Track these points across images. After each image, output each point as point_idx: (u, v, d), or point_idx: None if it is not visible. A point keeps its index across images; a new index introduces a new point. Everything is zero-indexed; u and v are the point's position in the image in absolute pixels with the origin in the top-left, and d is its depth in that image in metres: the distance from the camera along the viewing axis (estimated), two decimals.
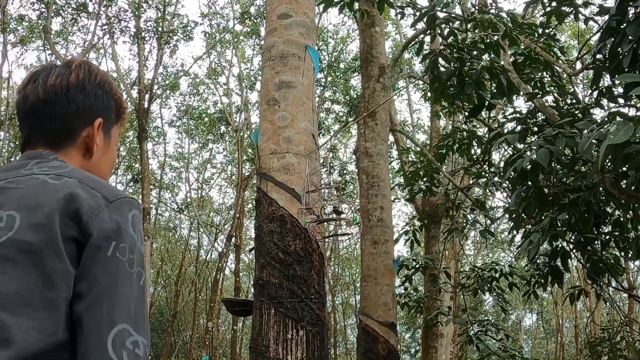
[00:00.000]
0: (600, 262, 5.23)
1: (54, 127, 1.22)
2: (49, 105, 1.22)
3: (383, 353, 6.72)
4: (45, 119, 1.22)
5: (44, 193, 1.08)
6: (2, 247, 1.04)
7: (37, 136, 1.23)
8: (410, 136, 13.97)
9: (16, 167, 1.17)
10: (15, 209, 1.07)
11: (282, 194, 4.37)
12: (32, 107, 1.23)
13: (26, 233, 1.04)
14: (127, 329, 1.04)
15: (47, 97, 1.22)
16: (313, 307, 4.18)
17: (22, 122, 1.25)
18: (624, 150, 3.23)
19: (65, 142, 1.23)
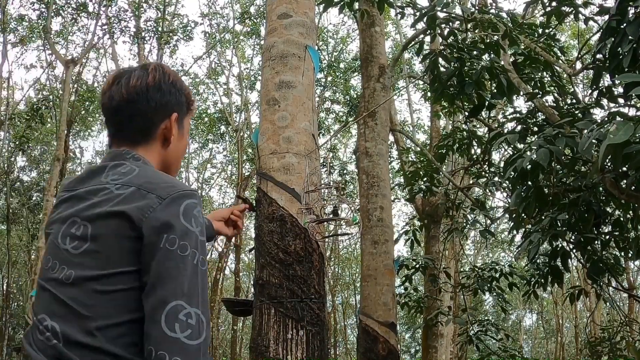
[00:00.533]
0: (600, 262, 5.23)
1: (137, 123, 1.42)
2: (131, 104, 1.41)
3: (383, 353, 6.72)
4: (129, 116, 1.41)
5: (113, 204, 1.27)
6: (83, 253, 1.25)
7: (122, 133, 1.43)
8: (410, 136, 13.97)
9: (98, 172, 1.36)
10: (89, 220, 1.28)
11: (282, 194, 4.37)
12: (117, 106, 1.41)
13: (98, 243, 1.26)
14: (180, 304, 1.19)
15: (130, 97, 1.41)
16: (313, 307, 4.18)
17: (109, 119, 1.44)
18: (624, 150, 3.22)
19: (147, 135, 1.43)
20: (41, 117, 20.39)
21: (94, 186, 1.32)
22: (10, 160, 23.24)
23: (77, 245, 1.27)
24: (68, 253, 1.27)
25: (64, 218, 1.31)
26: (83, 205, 1.29)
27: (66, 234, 1.29)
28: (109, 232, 1.24)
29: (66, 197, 1.35)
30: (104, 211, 1.25)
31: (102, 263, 1.24)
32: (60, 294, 1.25)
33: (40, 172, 25.65)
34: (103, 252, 1.24)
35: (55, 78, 22.36)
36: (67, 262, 1.27)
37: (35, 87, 23.56)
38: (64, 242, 1.28)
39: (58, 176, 17.56)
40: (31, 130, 22.37)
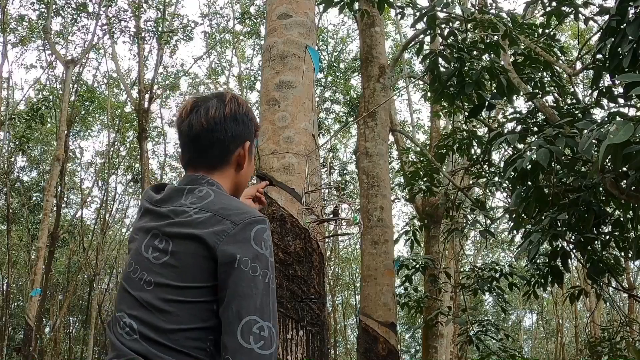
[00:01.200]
0: (600, 262, 5.23)
1: (215, 151, 1.55)
2: (210, 133, 1.54)
3: (383, 353, 6.72)
4: (208, 144, 1.55)
5: (192, 227, 1.43)
6: (163, 265, 1.42)
7: (200, 159, 1.56)
8: (410, 136, 13.98)
9: (178, 194, 1.51)
10: (171, 237, 1.44)
11: (282, 194, 4.37)
12: (197, 134, 1.54)
13: (177, 259, 1.42)
14: (254, 319, 1.35)
15: (209, 127, 1.54)
16: (313, 307, 4.18)
17: (187, 145, 1.57)
18: (624, 150, 3.23)
19: (222, 162, 1.57)
20: (41, 117, 20.38)
21: (175, 207, 1.48)
22: (10, 160, 23.24)
23: (158, 257, 1.44)
24: (149, 262, 1.45)
25: (147, 229, 1.49)
26: (165, 222, 1.47)
27: (149, 245, 1.47)
28: (187, 252, 1.41)
29: (150, 210, 1.53)
30: (183, 232, 1.43)
31: (180, 276, 1.41)
32: (139, 297, 1.43)
33: (40, 172, 25.65)
34: (181, 267, 1.41)
35: (55, 78, 22.36)
36: (147, 270, 1.44)
37: (35, 87, 23.57)
38: (146, 252, 1.46)
39: (58, 176, 17.56)
40: (31, 130, 22.36)
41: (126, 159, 25.79)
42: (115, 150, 25.30)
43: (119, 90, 24.94)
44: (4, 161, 22.61)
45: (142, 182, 17.71)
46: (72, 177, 27.22)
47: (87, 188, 27.40)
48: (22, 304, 30.16)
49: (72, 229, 25.36)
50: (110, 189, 25.93)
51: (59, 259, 28.14)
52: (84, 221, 26.81)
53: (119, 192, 27.42)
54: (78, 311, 31.88)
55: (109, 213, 25.75)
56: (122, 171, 26.27)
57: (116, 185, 26.85)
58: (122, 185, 27.31)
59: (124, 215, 30.06)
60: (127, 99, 23.01)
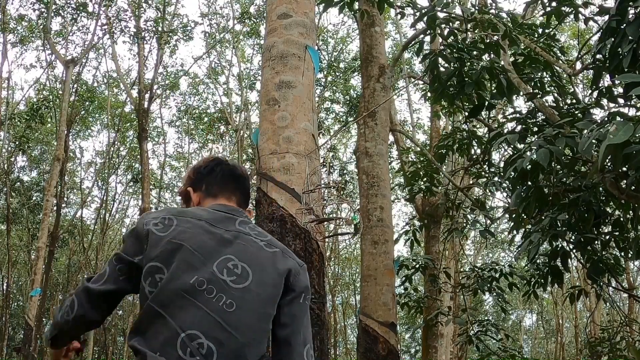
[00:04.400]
0: (600, 262, 5.23)
1: (246, 194, 1.85)
2: (246, 180, 1.86)
3: (383, 353, 6.71)
4: (245, 187, 1.84)
5: (266, 259, 1.62)
6: (243, 292, 1.53)
7: (235, 194, 1.81)
8: (410, 136, 13.97)
9: (227, 218, 1.68)
10: (248, 264, 1.58)
11: (282, 194, 4.36)
12: (240, 176, 1.84)
13: (258, 289, 1.56)
14: (311, 344, 1.67)
15: (244, 175, 1.85)
16: (313, 307, 4.17)
17: (228, 178, 1.82)
18: (624, 150, 3.23)
19: (246, 204, 1.84)
20: (41, 117, 20.38)
21: (234, 232, 1.65)
22: (10, 160, 23.23)
23: (237, 281, 1.55)
24: (226, 284, 1.53)
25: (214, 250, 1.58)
26: (237, 248, 1.61)
27: (223, 266, 1.56)
28: (269, 281, 1.58)
29: (205, 227, 1.62)
30: (263, 262, 1.61)
31: (261, 304, 1.56)
32: (220, 319, 1.49)
33: (40, 172, 25.64)
34: (262, 294, 1.57)
35: (55, 78, 22.35)
36: (225, 292, 1.52)
37: (35, 87, 23.56)
38: (221, 273, 1.55)
39: (58, 176, 17.55)
40: (31, 130, 22.35)
41: (126, 159, 25.78)
42: (115, 150, 25.29)
43: (119, 90, 24.95)
44: (4, 161, 22.60)
45: (142, 182, 17.71)
46: (72, 177, 27.22)
47: (87, 188, 27.43)
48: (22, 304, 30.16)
49: (72, 229, 25.36)
50: (110, 189, 25.95)
51: (59, 259, 28.14)
52: (84, 221, 26.82)
53: (119, 192, 27.44)
54: None
55: (109, 213, 25.75)
56: (122, 171, 26.28)
57: (116, 185, 26.88)
58: (122, 185, 27.33)
59: (124, 215, 30.07)
60: (127, 99, 23.01)
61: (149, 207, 17.51)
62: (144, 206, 17.32)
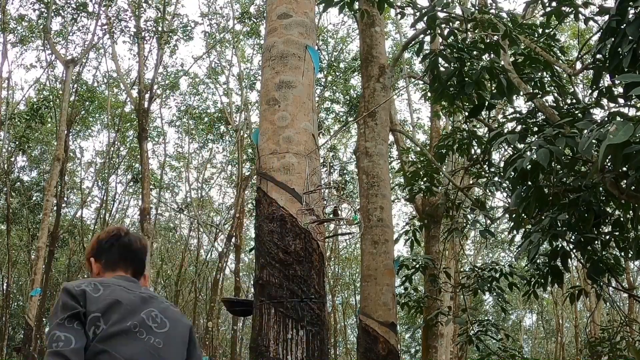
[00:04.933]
0: (600, 262, 5.23)
1: (141, 265, 2.22)
2: (141, 252, 2.23)
3: (383, 353, 6.71)
4: (139, 259, 2.22)
5: (176, 314, 2.10)
6: (165, 336, 2.00)
7: (132, 267, 2.20)
8: (410, 136, 13.97)
9: (133, 283, 2.12)
10: (165, 317, 2.04)
11: (282, 194, 4.36)
12: (135, 250, 2.22)
13: (175, 335, 2.04)
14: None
15: (139, 248, 2.23)
16: (313, 307, 4.17)
17: (125, 253, 2.19)
18: (623, 150, 3.23)
19: (141, 274, 2.22)
20: (41, 117, 20.38)
21: (147, 294, 2.09)
22: (10, 160, 23.23)
23: (159, 327, 2.01)
24: (152, 329, 1.98)
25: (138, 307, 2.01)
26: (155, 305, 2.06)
27: (148, 316, 2.00)
28: (181, 331, 2.09)
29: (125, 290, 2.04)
30: (174, 317, 2.09)
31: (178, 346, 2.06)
32: (154, 352, 1.95)
33: (40, 172, 25.64)
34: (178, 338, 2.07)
35: (55, 78, 22.35)
36: (152, 334, 1.97)
37: (35, 87, 23.56)
38: (147, 321, 1.99)
39: (58, 176, 17.56)
40: (31, 130, 22.36)
41: (126, 159, 25.78)
42: (115, 150, 25.30)
43: (119, 90, 24.94)
44: (4, 161, 22.60)
45: (142, 182, 17.71)
46: (72, 177, 27.22)
47: (87, 188, 27.43)
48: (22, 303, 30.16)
49: (72, 229, 25.36)
50: (110, 189, 25.95)
51: (59, 259, 28.14)
52: (84, 221, 26.81)
53: (119, 192, 27.44)
54: None
55: (109, 213, 25.75)
56: (122, 171, 26.28)
57: (116, 185, 26.88)
58: (122, 185, 27.32)
59: (124, 215, 30.07)
60: (127, 99, 23.01)
61: (149, 207, 17.51)
62: (144, 206, 17.31)
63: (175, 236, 32.52)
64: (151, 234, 17.96)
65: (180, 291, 27.52)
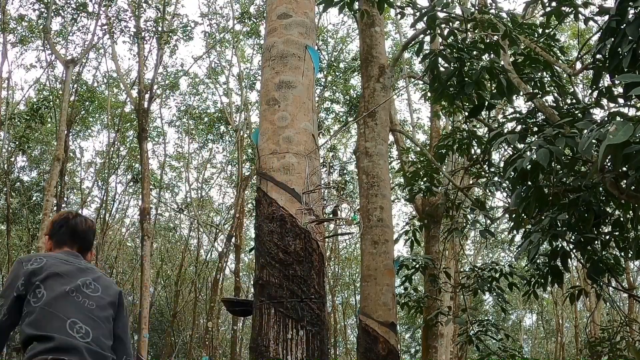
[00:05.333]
0: (600, 262, 5.23)
1: (86, 243, 2.67)
2: (87, 232, 2.68)
3: (383, 353, 6.72)
4: (84, 239, 2.66)
5: (107, 282, 2.54)
6: (98, 299, 2.44)
7: (78, 244, 2.64)
8: (410, 136, 13.97)
9: (75, 257, 2.57)
10: (98, 283, 2.48)
11: (282, 194, 4.37)
12: (80, 231, 2.65)
13: (106, 299, 2.47)
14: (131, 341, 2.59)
15: (85, 229, 2.67)
16: (313, 307, 4.17)
17: (72, 233, 2.63)
18: (623, 150, 3.23)
19: (87, 250, 2.67)
20: (41, 117, 20.37)
21: (84, 265, 2.55)
22: (10, 160, 23.23)
23: (93, 292, 2.45)
24: (87, 294, 2.42)
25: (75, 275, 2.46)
26: (90, 274, 2.51)
27: (83, 283, 2.44)
28: (111, 294, 2.52)
29: (63, 262, 2.49)
30: (106, 284, 2.53)
31: (107, 307, 2.47)
32: (89, 313, 2.37)
33: (40, 172, 25.63)
34: (107, 300, 2.49)
35: (55, 78, 22.33)
36: (87, 297, 2.41)
37: (35, 87, 23.55)
38: (83, 287, 2.43)
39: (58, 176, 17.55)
40: (31, 130, 22.35)
41: (126, 159, 25.78)
42: (115, 150, 25.29)
43: (119, 90, 24.94)
44: (4, 161, 22.60)
45: (142, 182, 17.71)
46: (72, 177, 27.22)
47: (87, 188, 27.42)
48: None
49: None
50: (110, 189, 25.94)
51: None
52: None
53: (119, 192, 27.43)
54: None
55: (109, 213, 25.75)
56: (122, 171, 26.27)
57: (116, 185, 26.86)
58: (122, 185, 27.31)
59: (124, 215, 30.07)
60: (127, 99, 23.01)
61: (149, 207, 17.51)
62: (144, 206, 17.32)
63: (175, 236, 32.52)
64: (151, 234, 17.97)
65: (180, 291, 27.52)
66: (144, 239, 17.16)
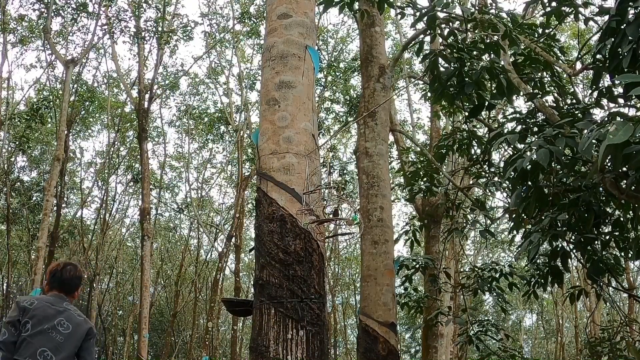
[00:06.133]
0: (600, 262, 5.23)
1: (69, 288, 3.58)
2: (72, 280, 3.59)
3: (383, 353, 6.72)
4: (68, 285, 3.57)
5: (78, 320, 3.49)
6: (67, 334, 3.41)
7: (64, 288, 3.55)
8: (410, 136, 13.97)
9: (60, 300, 3.51)
10: (70, 323, 3.44)
11: (282, 194, 4.37)
12: (65, 279, 3.56)
13: (75, 335, 3.43)
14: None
15: (70, 277, 3.58)
16: (313, 307, 4.17)
17: (59, 281, 3.56)
18: (623, 150, 3.23)
19: (72, 293, 3.59)
20: (41, 117, 20.37)
21: (63, 308, 3.46)
22: (10, 160, 23.23)
23: (65, 329, 3.39)
24: (60, 331, 3.37)
25: (53, 317, 3.41)
26: (65, 315, 3.44)
27: (59, 323, 3.39)
28: (80, 332, 3.45)
29: (49, 305, 3.44)
30: (76, 322, 3.47)
31: (74, 341, 3.42)
32: (57, 344, 3.33)
33: (40, 172, 25.64)
34: (76, 336, 3.43)
35: (55, 78, 22.34)
36: (59, 334, 3.36)
37: (35, 87, 23.55)
38: (58, 325, 3.38)
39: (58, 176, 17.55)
40: (31, 130, 22.35)
41: (126, 159, 25.78)
42: (115, 150, 25.29)
43: (119, 90, 24.94)
44: (4, 161, 22.60)
45: (142, 182, 17.71)
46: (72, 177, 27.22)
47: (87, 188, 27.42)
48: None
49: (72, 229, 25.36)
50: (110, 189, 25.95)
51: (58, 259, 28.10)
52: (84, 221, 26.81)
53: (119, 192, 27.44)
54: None
55: (109, 213, 25.76)
56: (122, 171, 26.27)
57: (116, 185, 26.88)
58: (122, 185, 27.32)
59: (124, 215, 30.08)
60: (127, 99, 23.01)
61: (149, 207, 17.51)
62: (144, 206, 17.32)
63: (175, 236, 32.53)
64: (151, 234, 17.97)
65: (180, 291, 27.51)
66: (144, 239, 17.16)
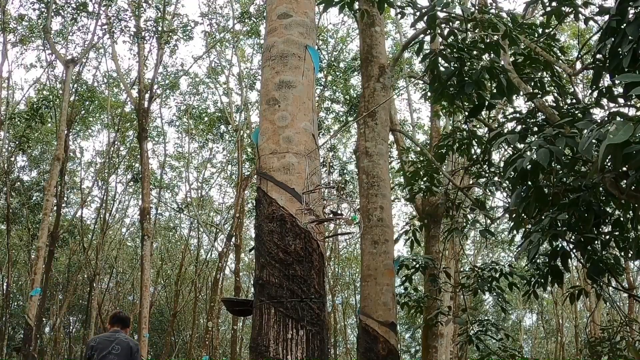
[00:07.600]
0: (600, 262, 5.23)
1: (124, 323, 6.16)
2: (125, 319, 6.22)
3: (383, 353, 6.72)
4: (123, 321, 6.15)
5: (124, 343, 5.92)
6: (118, 354, 5.84)
7: (119, 325, 6.07)
8: (410, 136, 13.97)
9: (115, 332, 5.98)
10: (120, 346, 5.87)
11: (282, 193, 4.37)
12: (120, 319, 6.14)
13: (124, 352, 5.89)
14: None
15: (124, 317, 6.25)
16: (313, 307, 4.17)
17: (117, 320, 6.13)
18: (623, 150, 3.22)
19: (125, 327, 6.15)
20: (41, 117, 20.37)
21: (116, 336, 5.93)
22: (10, 160, 23.23)
23: (116, 349, 5.81)
24: (114, 353, 5.78)
25: (109, 344, 5.86)
26: (117, 341, 5.88)
27: (113, 347, 5.80)
28: (127, 351, 5.87)
29: (108, 338, 5.91)
30: (123, 345, 5.90)
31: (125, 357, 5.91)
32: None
33: (40, 172, 25.64)
34: (125, 354, 5.89)
35: (55, 78, 22.34)
36: (115, 355, 5.79)
37: (35, 87, 23.55)
38: (113, 350, 5.77)
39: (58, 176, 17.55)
40: (31, 130, 22.35)
41: (126, 159, 25.78)
42: (115, 150, 25.29)
43: (119, 89, 24.94)
44: (4, 161, 22.60)
45: (142, 182, 17.71)
46: (72, 177, 27.22)
47: (87, 188, 27.42)
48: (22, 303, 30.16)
49: (72, 229, 25.36)
50: (110, 188, 25.94)
51: (59, 259, 28.15)
52: (84, 221, 26.81)
53: (119, 192, 27.43)
54: (78, 311, 31.86)
55: (109, 213, 25.75)
56: (122, 171, 26.27)
57: (116, 185, 26.87)
58: (122, 185, 27.32)
59: (124, 215, 30.08)
60: (127, 99, 23.01)
61: (149, 207, 17.51)
62: (144, 206, 17.32)
63: (175, 236, 32.52)
64: (151, 234, 17.96)
65: (180, 291, 27.51)
66: (144, 238, 17.16)
